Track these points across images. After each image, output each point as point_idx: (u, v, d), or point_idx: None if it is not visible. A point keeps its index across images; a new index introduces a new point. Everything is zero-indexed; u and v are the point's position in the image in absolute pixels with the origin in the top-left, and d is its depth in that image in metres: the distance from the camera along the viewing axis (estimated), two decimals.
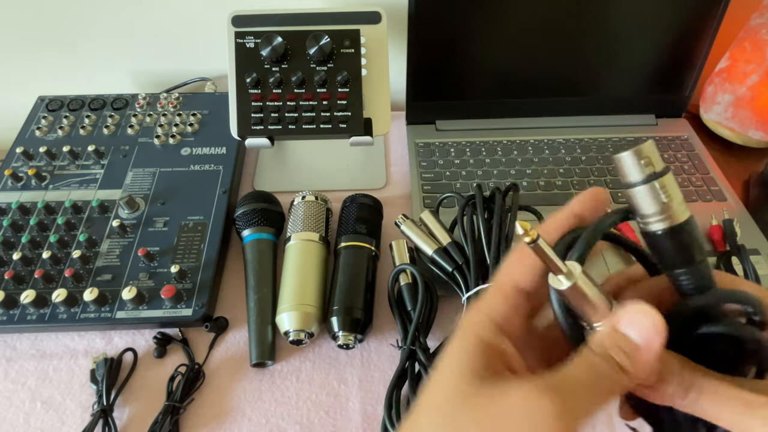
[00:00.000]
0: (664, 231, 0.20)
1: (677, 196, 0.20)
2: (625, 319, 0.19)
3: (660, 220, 0.20)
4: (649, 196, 0.20)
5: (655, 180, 0.20)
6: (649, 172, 0.20)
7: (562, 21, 0.61)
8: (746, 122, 0.65)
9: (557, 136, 0.67)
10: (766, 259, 0.53)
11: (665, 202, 0.20)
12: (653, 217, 0.20)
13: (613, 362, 0.19)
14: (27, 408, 0.46)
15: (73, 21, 0.69)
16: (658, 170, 0.20)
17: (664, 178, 0.20)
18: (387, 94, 0.58)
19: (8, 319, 0.48)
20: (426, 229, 0.51)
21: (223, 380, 0.47)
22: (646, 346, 0.19)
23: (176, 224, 0.55)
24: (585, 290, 0.20)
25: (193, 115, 0.66)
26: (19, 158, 0.60)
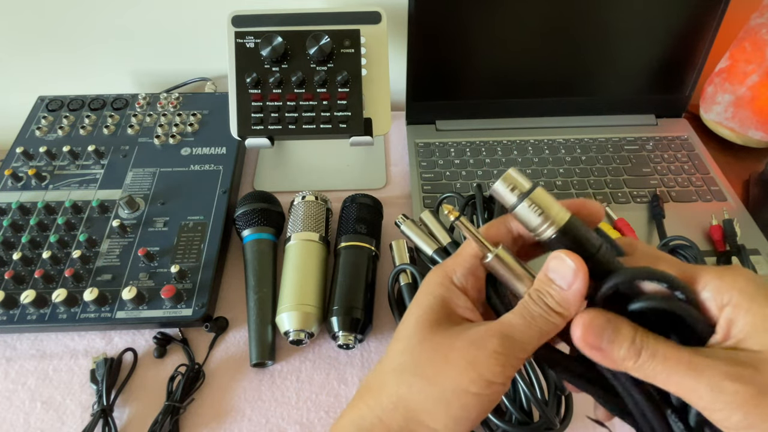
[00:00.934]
0: (554, 236, 0.23)
1: (552, 206, 0.24)
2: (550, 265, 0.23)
3: (546, 228, 0.23)
4: (528, 213, 0.24)
5: (525, 199, 0.23)
6: (517, 194, 0.24)
7: (562, 21, 0.61)
8: (746, 122, 0.65)
9: (557, 136, 0.67)
10: (766, 259, 0.53)
11: (543, 213, 0.23)
12: (540, 227, 0.24)
13: (545, 305, 0.23)
14: (27, 408, 0.45)
15: (74, 21, 0.69)
16: (524, 190, 0.24)
17: (533, 195, 0.23)
18: (387, 94, 0.58)
19: (8, 319, 0.48)
20: (426, 229, 0.51)
21: (223, 380, 0.47)
22: (568, 287, 0.23)
23: (176, 224, 0.55)
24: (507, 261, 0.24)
25: (193, 115, 0.66)
26: (19, 158, 0.60)
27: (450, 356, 0.23)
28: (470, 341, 0.23)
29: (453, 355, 0.23)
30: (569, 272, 0.23)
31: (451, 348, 0.23)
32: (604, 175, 0.63)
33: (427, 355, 0.24)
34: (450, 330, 0.24)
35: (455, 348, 0.23)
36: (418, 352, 0.24)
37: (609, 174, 0.63)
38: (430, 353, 0.24)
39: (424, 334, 0.24)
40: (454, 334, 0.24)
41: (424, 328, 0.24)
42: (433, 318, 0.25)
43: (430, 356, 0.24)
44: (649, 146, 0.66)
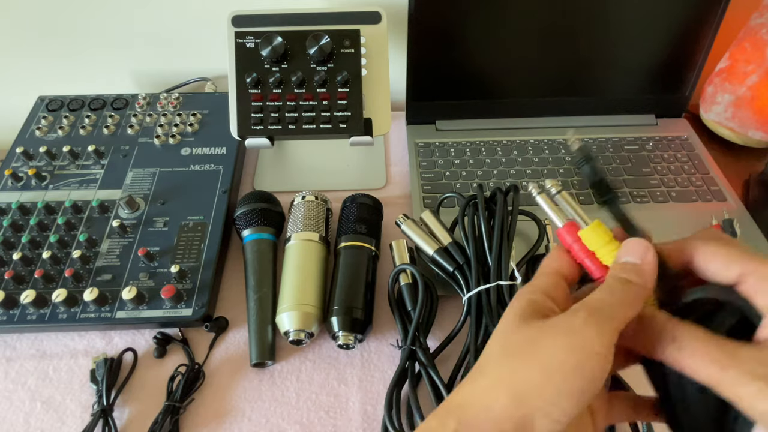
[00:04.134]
0: None
1: None
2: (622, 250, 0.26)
3: None
4: None
5: None
6: None
7: (562, 21, 0.61)
8: (746, 122, 0.65)
9: (557, 136, 0.67)
10: None
11: None
12: None
13: (625, 281, 0.25)
14: (27, 408, 0.45)
15: (74, 21, 0.69)
16: None
17: None
18: (387, 94, 0.58)
19: (8, 319, 0.48)
20: (426, 229, 0.51)
21: (223, 380, 0.47)
22: (642, 261, 0.25)
23: (176, 224, 0.55)
24: None
25: (193, 115, 0.66)
26: (19, 158, 0.60)
27: (545, 334, 0.24)
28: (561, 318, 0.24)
29: (548, 332, 0.24)
30: (640, 247, 0.26)
31: (544, 329, 0.24)
32: None
33: (522, 338, 0.25)
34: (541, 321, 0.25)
35: (548, 327, 0.24)
36: (512, 339, 0.25)
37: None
38: (525, 337, 0.25)
39: (517, 325, 0.25)
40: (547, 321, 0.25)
41: (516, 322, 0.26)
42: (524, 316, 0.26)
43: (525, 339, 0.25)
44: (649, 146, 0.66)
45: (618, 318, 0.24)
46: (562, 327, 0.24)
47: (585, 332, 0.23)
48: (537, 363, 0.23)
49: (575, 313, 0.24)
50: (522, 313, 0.26)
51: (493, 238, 0.46)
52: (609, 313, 0.24)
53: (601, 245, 0.28)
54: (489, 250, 0.46)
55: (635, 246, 0.26)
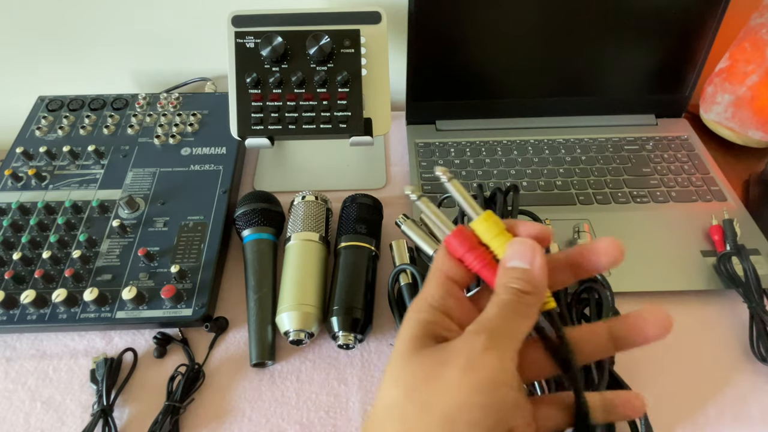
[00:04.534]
0: None
1: None
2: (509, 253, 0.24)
3: None
4: None
5: None
6: None
7: (562, 21, 0.61)
8: (746, 122, 0.65)
9: (557, 136, 0.67)
10: (766, 259, 0.53)
11: None
12: None
13: (516, 291, 0.23)
14: (27, 408, 0.45)
15: (74, 21, 0.69)
16: None
17: None
18: (387, 94, 0.58)
19: (8, 319, 0.48)
20: (426, 229, 0.51)
21: (223, 380, 0.47)
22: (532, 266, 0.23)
23: (176, 224, 0.55)
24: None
25: (193, 115, 0.66)
26: (19, 158, 0.60)
27: (441, 371, 0.21)
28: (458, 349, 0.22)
29: (444, 369, 0.21)
30: (528, 250, 0.23)
31: (440, 363, 0.22)
32: (604, 175, 0.63)
33: (416, 377, 0.22)
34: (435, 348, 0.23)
35: (444, 361, 0.22)
36: (405, 378, 0.22)
37: (609, 174, 0.63)
38: (419, 375, 0.22)
39: (409, 358, 0.23)
40: (440, 349, 0.22)
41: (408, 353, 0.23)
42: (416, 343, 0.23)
43: (419, 378, 0.22)
44: (649, 146, 0.66)
45: (517, 337, 0.22)
46: (462, 360, 0.21)
47: (488, 362, 0.21)
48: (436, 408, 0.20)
49: (473, 341, 0.22)
50: (414, 339, 0.23)
51: None
52: (508, 334, 0.22)
53: (491, 237, 0.25)
54: None
55: (522, 248, 0.23)
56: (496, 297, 0.23)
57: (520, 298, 0.23)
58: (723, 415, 0.44)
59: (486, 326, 0.22)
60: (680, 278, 0.52)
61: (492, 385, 0.21)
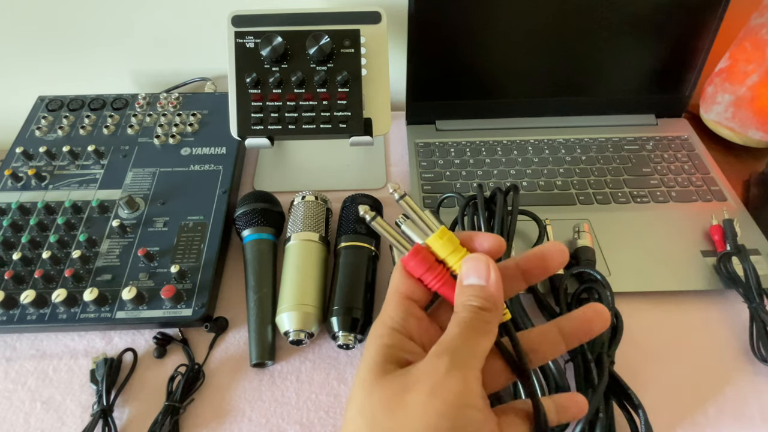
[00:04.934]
0: None
1: None
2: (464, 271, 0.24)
3: None
4: None
5: None
6: None
7: (562, 21, 0.61)
8: (746, 122, 0.65)
9: (557, 136, 0.67)
10: (766, 259, 0.53)
11: None
12: None
13: (473, 308, 0.23)
14: (27, 408, 0.45)
15: (73, 21, 0.69)
16: None
17: None
18: (387, 94, 0.58)
19: (8, 319, 0.48)
20: (427, 229, 0.51)
21: (223, 380, 0.47)
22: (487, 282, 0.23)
23: (176, 224, 0.55)
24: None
25: (193, 115, 0.66)
26: (19, 158, 0.60)
27: (404, 398, 0.21)
28: (422, 373, 0.22)
29: (407, 395, 0.21)
30: (482, 266, 0.24)
31: (403, 389, 0.21)
32: (604, 175, 0.63)
33: (379, 406, 0.22)
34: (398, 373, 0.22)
35: (407, 386, 0.21)
36: (368, 408, 0.22)
37: (609, 174, 0.63)
38: (382, 403, 0.22)
39: (372, 386, 0.22)
40: (403, 374, 0.22)
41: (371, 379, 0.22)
42: (378, 369, 0.23)
43: (383, 407, 0.21)
44: (649, 146, 0.66)
45: (479, 355, 0.22)
46: (426, 385, 0.21)
47: (452, 384, 0.21)
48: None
49: (436, 364, 0.21)
50: (377, 365, 0.23)
51: None
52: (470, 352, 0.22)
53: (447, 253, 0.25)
54: None
55: (477, 265, 0.24)
56: (456, 316, 0.23)
57: (479, 315, 0.23)
58: (723, 415, 0.44)
59: (448, 347, 0.22)
60: (680, 278, 0.52)
61: (457, 408, 0.21)
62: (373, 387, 0.22)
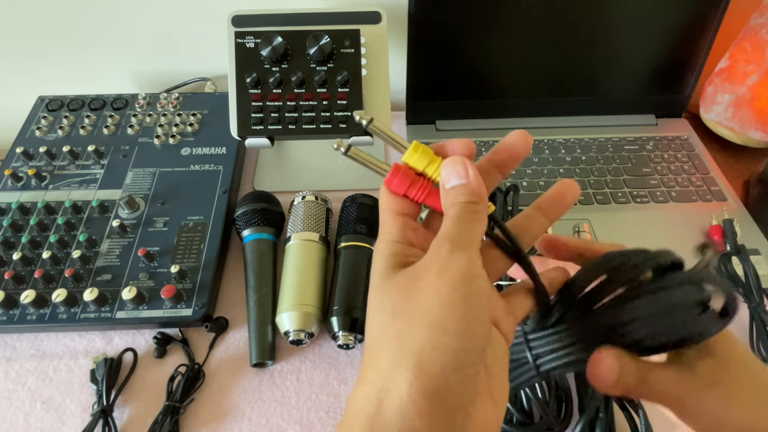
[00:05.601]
0: None
1: None
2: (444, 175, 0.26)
3: None
4: None
5: None
6: None
7: (562, 21, 0.61)
8: (746, 122, 0.65)
9: (557, 136, 0.67)
10: (766, 259, 0.53)
11: None
12: None
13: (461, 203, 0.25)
14: (27, 408, 0.46)
15: (74, 21, 0.69)
16: None
17: None
18: (387, 94, 0.58)
19: (8, 319, 0.48)
20: None
21: (223, 380, 0.47)
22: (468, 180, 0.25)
23: (176, 224, 0.55)
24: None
25: (193, 115, 0.66)
26: (19, 158, 0.60)
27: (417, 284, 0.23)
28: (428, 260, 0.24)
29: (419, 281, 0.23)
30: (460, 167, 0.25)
31: (414, 278, 0.23)
32: (604, 175, 0.63)
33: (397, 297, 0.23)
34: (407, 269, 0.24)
35: (417, 274, 0.23)
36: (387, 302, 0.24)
37: (609, 174, 0.63)
38: (399, 294, 0.23)
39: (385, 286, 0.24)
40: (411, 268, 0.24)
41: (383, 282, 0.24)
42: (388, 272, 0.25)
43: (400, 297, 0.23)
44: (649, 146, 0.66)
45: (475, 238, 0.24)
46: (433, 266, 0.23)
47: (456, 261, 0.22)
48: (421, 317, 0.22)
49: (439, 248, 0.23)
50: (387, 268, 0.25)
51: None
52: (467, 236, 0.24)
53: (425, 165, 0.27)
54: None
55: (455, 167, 0.26)
56: (447, 215, 0.25)
57: (468, 207, 0.25)
58: None
59: (446, 235, 0.24)
60: None
61: (466, 278, 0.22)
62: (387, 286, 0.24)
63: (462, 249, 0.23)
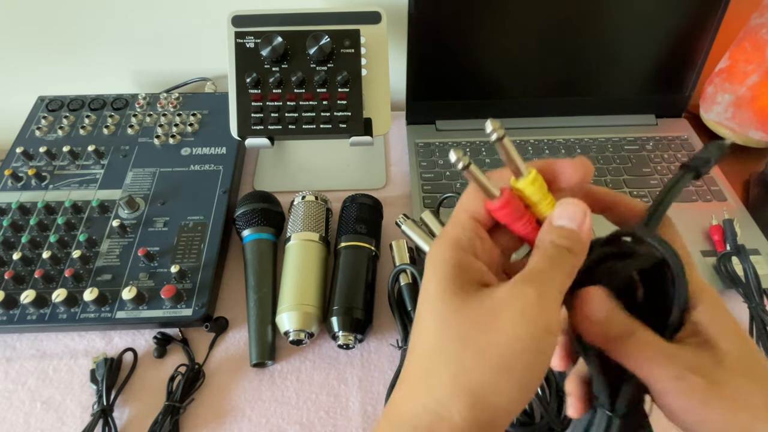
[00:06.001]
0: None
1: None
2: (558, 212, 0.24)
3: None
4: None
5: None
6: None
7: (562, 21, 0.61)
8: (746, 122, 0.65)
9: (557, 136, 0.67)
10: (766, 259, 0.53)
11: None
12: None
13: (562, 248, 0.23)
14: (27, 408, 0.45)
15: (74, 21, 0.69)
16: None
17: None
18: (387, 94, 0.58)
19: (8, 319, 0.48)
20: (426, 229, 0.51)
21: (223, 380, 0.47)
22: (580, 228, 0.24)
23: (176, 224, 0.55)
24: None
25: (193, 115, 0.66)
26: (19, 158, 0.60)
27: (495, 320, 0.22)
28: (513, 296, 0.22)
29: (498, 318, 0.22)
30: (579, 212, 0.24)
31: (493, 311, 0.22)
32: (604, 175, 0.63)
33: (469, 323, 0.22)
34: (480, 294, 0.23)
35: (497, 310, 0.22)
36: (455, 324, 0.22)
37: (609, 174, 0.63)
38: (472, 321, 0.22)
39: (454, 304, 0.23)
40: (488, 296, 0.22)
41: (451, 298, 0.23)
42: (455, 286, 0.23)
43: (473, 324, 0.22)
44: (649, 146, 0.66)
45: (562, 291, 0.23)
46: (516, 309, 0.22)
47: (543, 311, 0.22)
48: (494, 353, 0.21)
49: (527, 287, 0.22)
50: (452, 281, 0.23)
51: None
52: (554, 287, 0.23)
53: (540, 198, 0.25)
54: None
55: (574, 210, 0.24)
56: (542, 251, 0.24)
57: (566, 257, 0.23)
58: None
59: (535, 277, 0.23)
60: None
61: (544, 333, 0.22)
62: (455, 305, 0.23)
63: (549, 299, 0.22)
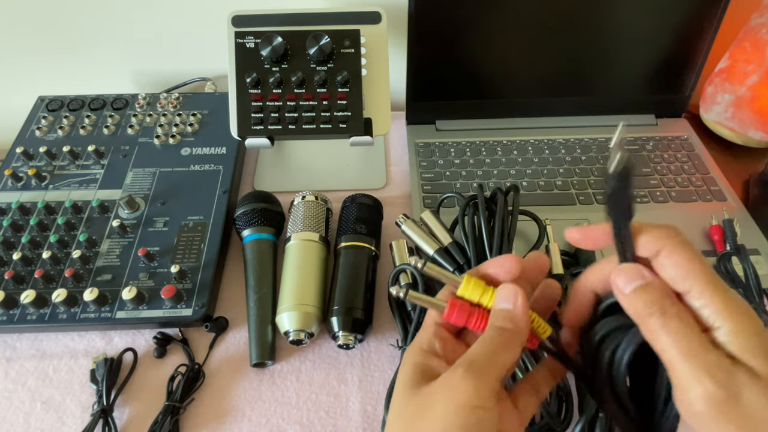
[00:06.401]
0: None
1: None
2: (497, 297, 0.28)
3: None
4: None
5: None
6: None
7: (562, 21, 0.61)
8: (746, 122, 0.65)
9: (557, 136, 0.67)
10: (766, 259, 0.53)
11: None
12: None
13: (499, 328, 0.27)
14: (27, 408, 0.45)
15: (74, 21, 0.69)
16: None
17: None
18: (387, 94, 0.58)
19: (8, 319, 0.48)
20: (427, 229, 0.51)
21: (223, 380, 0.47)
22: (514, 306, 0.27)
23: (176, 224, 0.55)
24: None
25: (193, 115, 0.66)
26: (19, 158, 0.60)
27: (431, 403, 0.25)
28: (444, 380, 0.26)
29: (433, 401, 0.25)
30: (511, 293, 0.27)
31: (430, 396, 0.26)
32: (604, 175, 0.63)
33: (413, 411, 0.26)
34: (428, 385, 0.26)
35: (433, 394, 0.26)
36: (405, 412, 0.26)
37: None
38: (415, 407, 0.26)
39: (408, 398, 0.27)
40: (432, 385, 0.26)
41: (406, 391, 0.27)
42: (413, 382, 0.27)
43: (417, 412, 0.26)
44: (649, 146, 0.66)
45: (496, 366, 0.26)
46: (444, 390, 0.25)
47: (463, 389, 0.25)
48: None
49: (454, 371, 0.26)
50: (410, 380, 0.27)
51: (493, 238, 0.46)
52: (485, 363, 0.26)
53: (479, 295, 0.29)
54: (489, 250, 0.46)
55: (507, 293, 0.28)
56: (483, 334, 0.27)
57: (501, 333, 0.27)
58: None
59: (466, 359, 0.26)
60: None
61: (468, 408, 0.24)
62: (408, 397, 0.27)
63: (475, 376, 0.25)
